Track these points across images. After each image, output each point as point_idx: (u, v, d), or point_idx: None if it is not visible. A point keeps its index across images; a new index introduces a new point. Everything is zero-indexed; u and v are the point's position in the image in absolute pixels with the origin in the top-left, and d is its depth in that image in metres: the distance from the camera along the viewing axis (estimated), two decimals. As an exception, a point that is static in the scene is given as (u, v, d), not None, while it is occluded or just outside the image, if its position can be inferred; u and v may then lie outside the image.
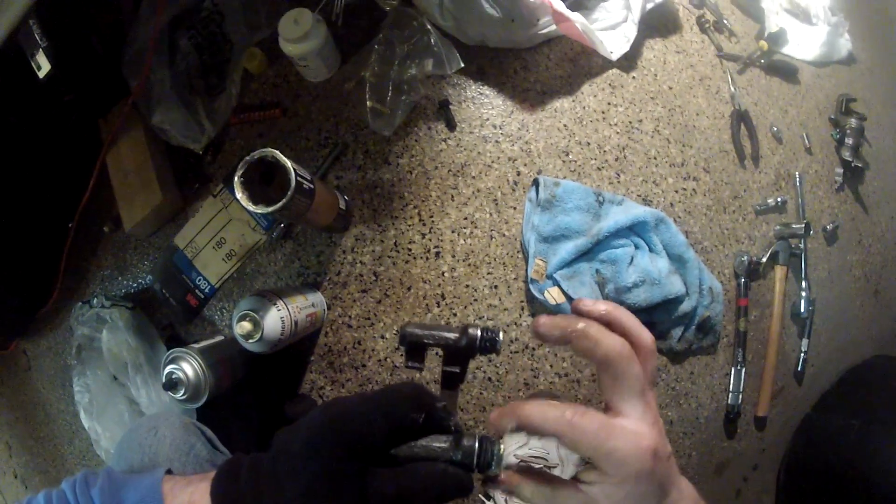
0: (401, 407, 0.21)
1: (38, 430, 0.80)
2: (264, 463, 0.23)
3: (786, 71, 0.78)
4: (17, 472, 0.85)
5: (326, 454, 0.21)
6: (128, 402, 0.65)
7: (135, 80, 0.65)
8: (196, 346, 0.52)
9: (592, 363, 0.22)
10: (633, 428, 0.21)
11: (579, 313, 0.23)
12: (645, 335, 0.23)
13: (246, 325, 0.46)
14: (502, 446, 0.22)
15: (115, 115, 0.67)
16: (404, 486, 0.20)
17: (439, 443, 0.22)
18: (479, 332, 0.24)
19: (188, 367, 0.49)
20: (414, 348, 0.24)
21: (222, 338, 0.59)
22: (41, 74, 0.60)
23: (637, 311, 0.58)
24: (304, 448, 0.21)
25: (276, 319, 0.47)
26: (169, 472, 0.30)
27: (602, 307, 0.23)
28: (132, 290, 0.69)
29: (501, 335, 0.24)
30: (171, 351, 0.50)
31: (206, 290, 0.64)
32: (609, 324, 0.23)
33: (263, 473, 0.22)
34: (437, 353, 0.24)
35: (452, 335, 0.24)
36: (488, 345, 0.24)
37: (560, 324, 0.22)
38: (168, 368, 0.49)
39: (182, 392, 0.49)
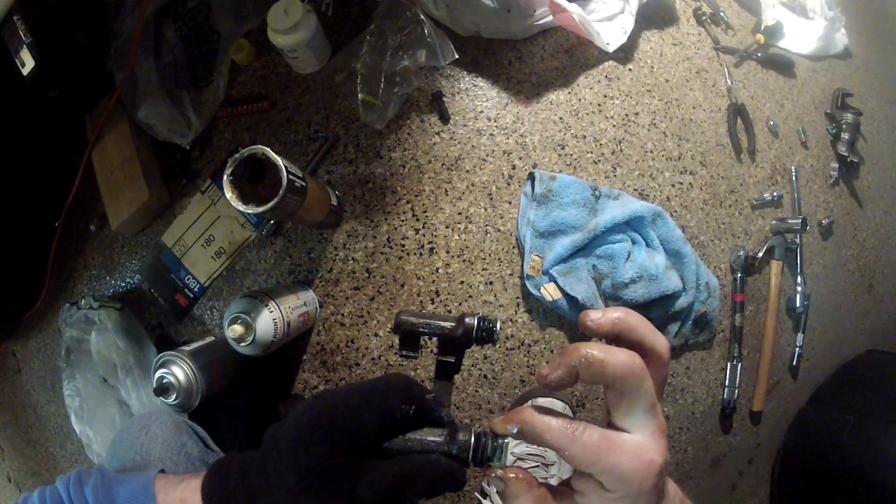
0: (389, 399, 0.21)
1: (30, 432, 0.79)
2: (254, 460, 0.22)
3: (782, 65, 0.77)
4: (10, 475, 0.84)
5: (316, 449, 0.20)
6: (118, 404, 0.63)
7: (120, 73, 0.63)
8: (186, 348, 0.51)
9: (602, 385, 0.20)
10: (638, 442, 0.19)
11: (586, 328, 0.21)
12: (660, 342, 0.21)
13: (238, 329, 0.45)
14: (508, 441, 0.21)
15: (101, 110, 0.65)
16: (396, 475, 0.20)
17: (434, 436, 0.21)
18: (475, 321, 0.23)
19: (179, 372, 0.48)
20: (408, 336, 0.24)
21: (213, 338, 0.57)
22: (25, 71, 0.58)
23: (634, 306, 0.57)
24: (293, 444, 0.21)
25: (268, 321, 0.46)
26: (162, 471, 0.30)
27: (611, 317, 0.21)
28: (120, 290, 0.68)
29: (499, 324, 0.24)
30: (161, 355, 0.49)
31: (196, 290, 0.63)
32: (620, 333, 0.21)
33: (253, 470, 0.22)
34: (431, 351, 0.24)
35: (448, 324, 0.23)
36: (485, 334, 0.23)
37: (563, 362, 0.20)
38: (159, 373, 0.48)
39: (174, 397, 0.48)
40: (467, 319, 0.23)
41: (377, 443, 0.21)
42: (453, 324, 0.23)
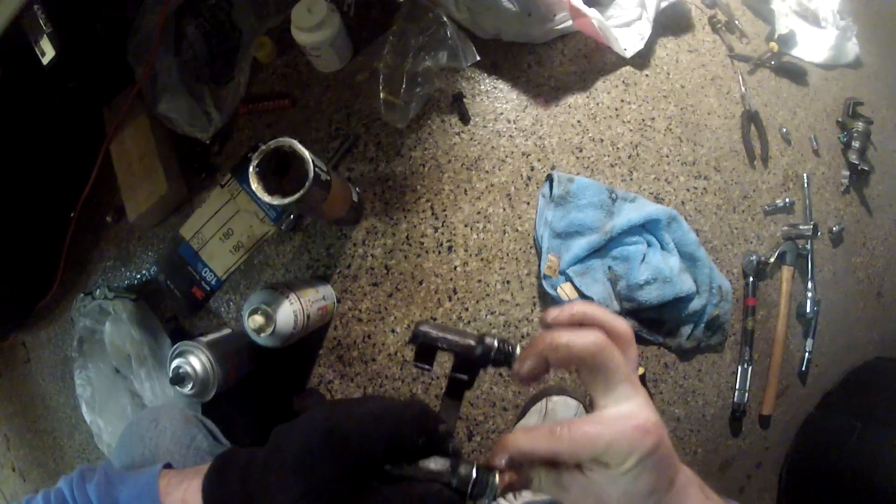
0: (403, 429, 0.21)
1: (37, 422, 0.79)
2: (256, 465, 0.22)
3: (795, 73, 0.78)
4: (16, 464, 0.83)
5: (322, 468, 0.20)
6: (130, 395, 0.64)
7: (140, 67, 0.64)
8: (203, 339, 0.51)
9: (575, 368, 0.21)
10: (626, 412, 0.20)
11: (546, 325, 0.22)
12: (620, 325, 0.22)
13: (258, 319, 0.45)
14: (497, 478, 0.21)
15: (120, 102, 0.66)
16: (397, 502, 0.20)
17: (436, 465, 0.21)
18: (495, 343, 0.23)
19: (196, 362, 0.48)
20: (425, 349, 0.23)
21: (229, 331, 0.58)
22: (45, 61, 0.58)
23: (648, 308, 0.58)
24: (299, 460, 0.21)
25: (288, 313, 0.46)
26: (168, 465, 0.30)
27: (568, 310, 0.22)
28: (135, 282, 0.68)
29: (519, 349, 0.23)
30: (178, 344, 0.49)
31: (213, 283, 0.63)
32: (581, 323, 0.22)
33: (255, 477, 0.22)
34: (445, 362, 0.23)
35: (468, 341, 0.23)
36: (503, 357, 0.23)
37: (531, 351, 0.20)
38: (175, 362, 0.49)
39: (190, 387, 0.48)
40: (487, 340, 0.23)
41: (381, 465, 0.21)
42: (472, 343, 0.23)
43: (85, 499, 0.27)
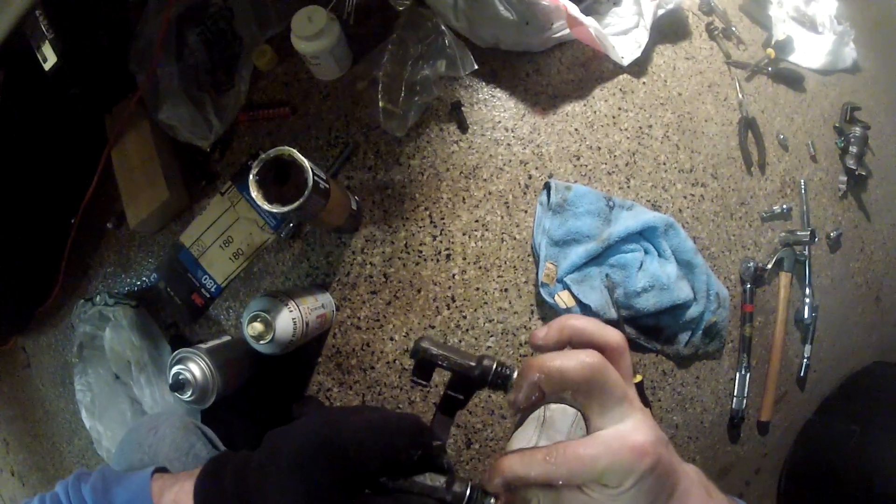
0: (399, 442, 0.21)
1: (37, 427, 0.79)
2: (251, 468, 0.22)
3: (792, 79, 0.78)
4: (14, 469, 0.84)
5: (318, 476, 0.20)
6: (130, 401, 0.64)
7: (142, 74, 0.64)
8: (203, 346, 0.52)
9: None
10: (619, 432, 0.19)
11: (536, 348, 0.22)
12: (611, 335, 0.21)
13: (258, 326, 0.45)
14: (493, 500, 0.21)
15: (122, 110, 0.66)
16: None
17: (432, 481, 0.22)
18: (493, 366, 0.23)
19: (196, 368, 0.49)
20: (424, 365, 0.24)
21: (229, 338, 0.58)
22: (47, 67, 0.59)
23: (645, 315, 0.58)
24: (296, 465, 0.21)
25: (287, 320, 0.47)
26: (162, 469, 0.30)
27: (554, 329, 0.21)
28: (136, 289, 0.68)
29: (516, 373, 0.23)
30: (178, 351, 0.49)
31: (213, 290, 0.63)
32: (570, 340, 0.21)
33: (250, 481, 0.22)
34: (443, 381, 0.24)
35: (467, 361, 0.23)
36: (500, 381, 0.23)
37: (523, 380, 0.20)
38: (175, 369, 0.49)
39: (189, 393, 0.48)
40: (485, 362, 0.23)
41: (376, 477, 0.21)
42: (472, 363, 0.23)
43: (80, 500, 0.27)
